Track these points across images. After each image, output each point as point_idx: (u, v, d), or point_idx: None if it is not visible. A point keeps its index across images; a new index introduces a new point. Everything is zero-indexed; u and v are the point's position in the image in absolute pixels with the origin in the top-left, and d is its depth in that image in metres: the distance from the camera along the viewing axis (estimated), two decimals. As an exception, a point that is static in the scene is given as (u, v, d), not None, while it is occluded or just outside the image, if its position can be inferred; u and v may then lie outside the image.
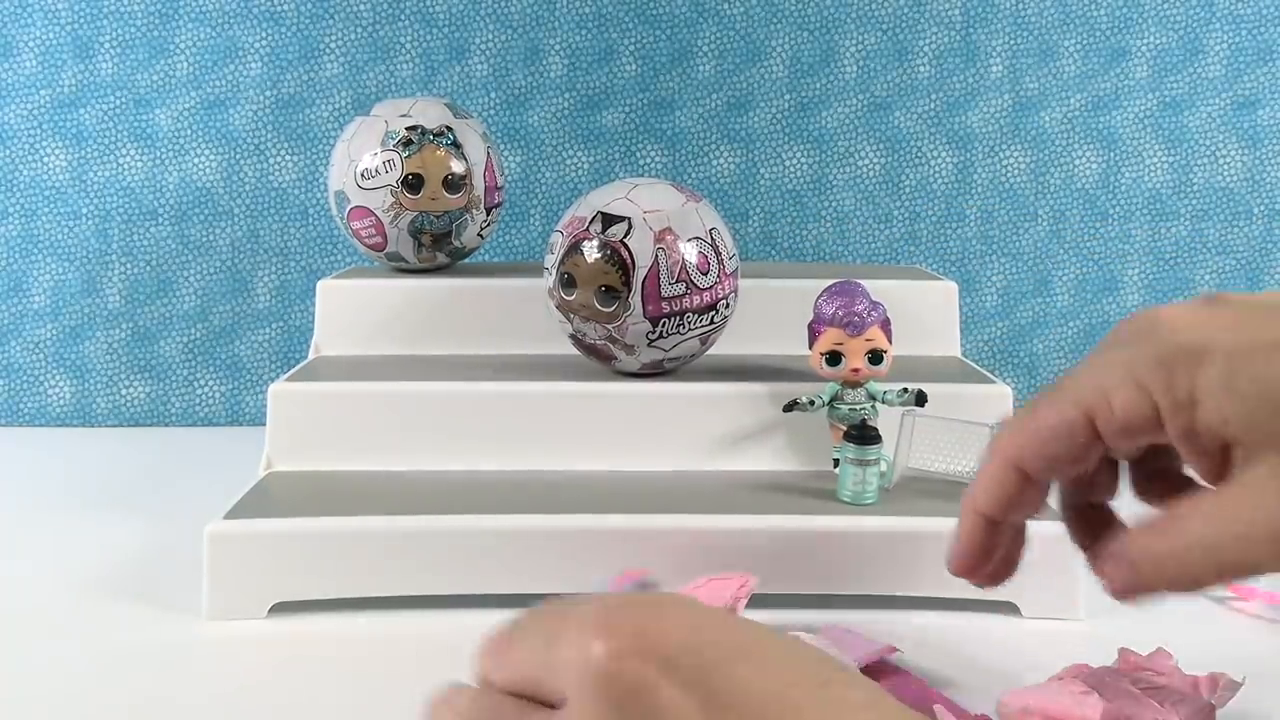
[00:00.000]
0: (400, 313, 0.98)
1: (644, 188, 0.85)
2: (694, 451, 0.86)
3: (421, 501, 0.79)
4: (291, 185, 1.19)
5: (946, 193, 1.22)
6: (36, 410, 1.20)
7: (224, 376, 1.21)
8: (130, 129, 1.18)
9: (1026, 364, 1.24)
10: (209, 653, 0.71)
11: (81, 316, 1.19)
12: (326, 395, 0.87)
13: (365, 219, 0.96)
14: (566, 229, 0.85)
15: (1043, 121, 1.21)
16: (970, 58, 1.20)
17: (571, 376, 0.89)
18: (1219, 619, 0.75)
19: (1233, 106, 1.21)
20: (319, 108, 1.19)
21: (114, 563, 0.84)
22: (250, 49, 1.18)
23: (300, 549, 0.75)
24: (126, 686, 0.66)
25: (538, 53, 1.19)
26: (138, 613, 0.75)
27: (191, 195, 1.19)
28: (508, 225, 1.21)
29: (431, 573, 0.75)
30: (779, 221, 1.22)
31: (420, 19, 1.19)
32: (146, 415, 1.21)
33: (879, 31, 1.20)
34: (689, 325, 0.84)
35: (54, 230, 1.19)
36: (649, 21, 1.20)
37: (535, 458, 0.86)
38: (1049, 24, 1.20)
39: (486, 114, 1.19)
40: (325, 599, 0.75)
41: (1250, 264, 1.23)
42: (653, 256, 0.82)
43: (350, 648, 0.71)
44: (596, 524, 0.76)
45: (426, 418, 0.86)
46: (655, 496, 0.80)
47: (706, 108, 1.21)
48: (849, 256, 1.23)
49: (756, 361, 0.94)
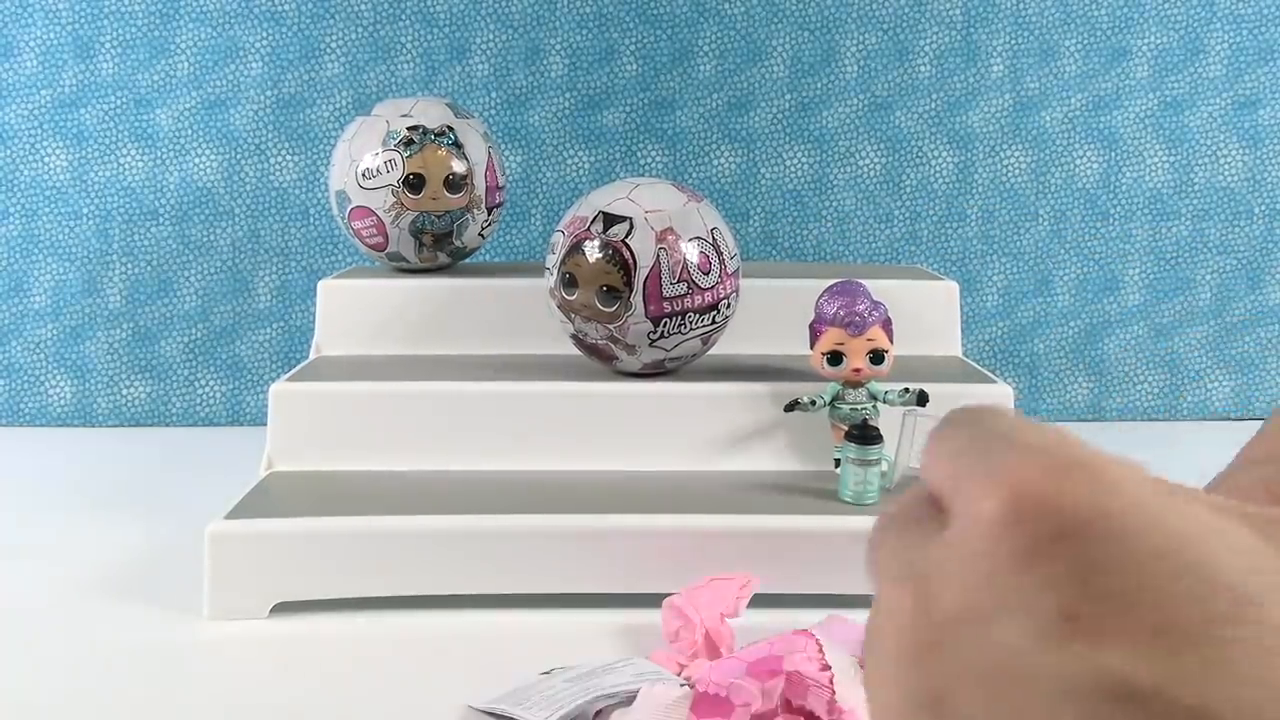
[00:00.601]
0: (401, 313, 0.98)
1: (645, 188, 0.85)
2: (695, 451, 0.86)
3: (421, 501, 0.79)
4: (292, 185, 1.19)
5: (947, 192, 1.22)
6: (37, 410, 1.20)
7: (225, 376, 1.21)
8: (131, 129, 1.18)
9: (1027, 364, 1.24)
10: (210, 653, 0.71)
11: (82, 316, 1.19)
12: (327, 395, 0.87)
13: (366, 219, 0.96)
14: (568, 229, 0.85)
15: (1043, 121, 1.21)
16: (971, 57, 1.20)
17: (573, 376, 0.89)
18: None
19: (1233, 106, 1.21)
20: (320, 108, 1.19)
21: (114, 563, 0.84)
22: (251, 49, 1.18)
23: (301, 549, 0.75)
24: (127, 686, 0.66)
25: (538, 52, 1.19)
26: (138, 613, 0.75)
27: (192, 195, 1.19)
28: (509, 225, 1.21)
29: (431, 573, 0.75)
30: (780, 221, 1.22)
31: (421, 19, 1.19)
32: (147, 415, 1.21)
33: (880, 31, 1.20)
34: (690, 325, 0.84)
35: (55, 230, 1.19)
36: (650, 21, 1.20)
37: (536, 458, 0.86)
38: (1050, 24, 1.20)
39: (487, 114, 1.19)
40: (325, 599, 0.75)
41: (1251, 264, 1.23)
42: (654, 256, 0.82)
43: (350, 648, 0.71)
44: (596, 524, 0.76)
45: (427, 418, 0.86)
46: (656, 496, 0.80)
47: (707, 108, 1.20)
48: (850, 256, 1.23)
49: (757, 361, 0.94)
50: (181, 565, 0.80)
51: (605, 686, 0.62)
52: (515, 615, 0.75)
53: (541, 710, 0.61)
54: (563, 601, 0.76)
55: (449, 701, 0.64)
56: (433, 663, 0.69)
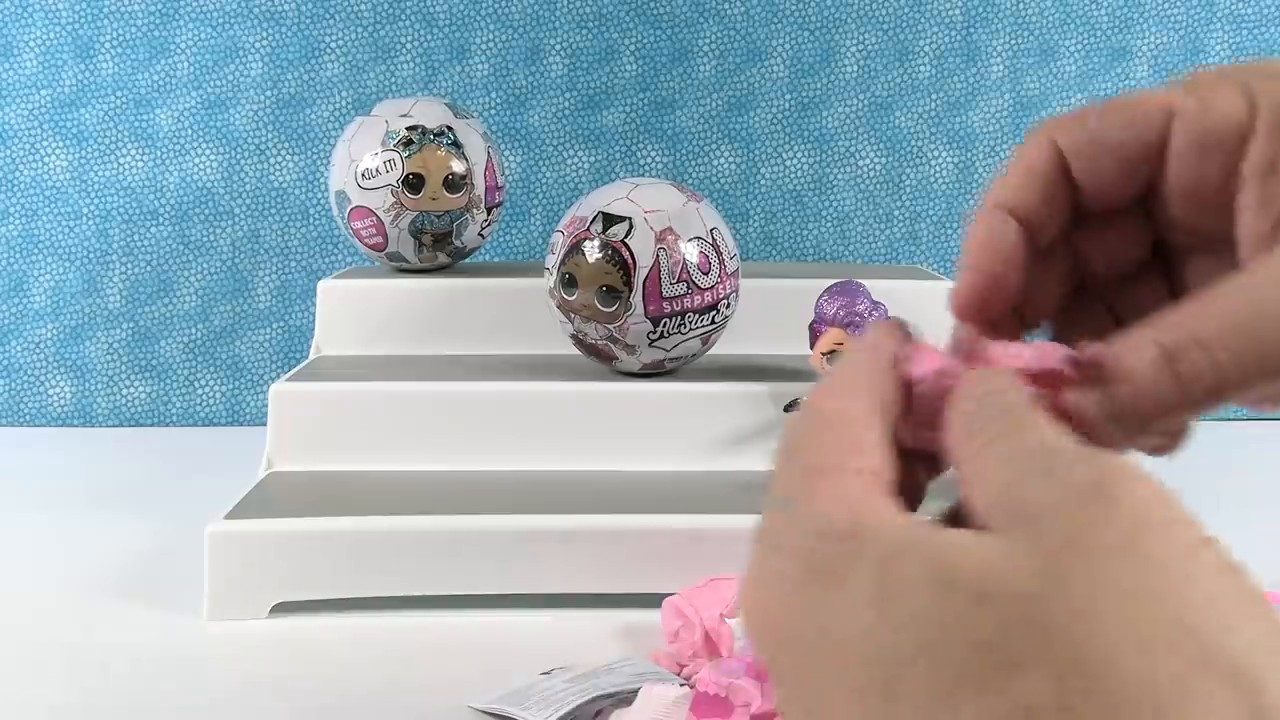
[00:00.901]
0: (401, 313, 0.98)
1: (645, 188, 0.85)
2: (694, 451, 0.86)
3: (421, 501, 0.79)
4: (292, 185, 1.19)
5: (947, 193, 1.22)
6: (37, 410, 1.20)
7: (225, 376, 1.21)
8: (131, 129, 1.18)
9: (1027, 364, 1.24)
10: (209, 653, 0.71)
11: (82, 316, 1.19)
12: (327, 395, 0.87)
13: (366, 219, 0.96)
14: (567, 229, 0.85)
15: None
16: (971, 58, 1.20)
17: (572, 376, 0.89)
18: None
19: (1234, 106, 1.21)
20: (319, 108, 1.19)
21: (114, 563, 0.84)
22: (251, 49, 1.18)
23: (301, 549, 0.75)
24: (127, 686, 0.66)
25: (538, 53, 1.19)
26: (138, 613, 0.75)
27: (192, 195, 1.19)
28: (508, 225, 1.21)
29: (431, 573, 0.75)
30: (780, 221, 1.22)
31: (421, 19, 1.19)
32: (147, 415, 1.21)
33: (880, 31, 1.20)
34: (690, 325, 0.84)
35: (55, 230, 1.19)
36: (649, 21, 1.20)
37: (535, 458, 0.86)
38: (1050, 24, 1.20)
39: (487, 114, 1.19)
40: (325, 599, 0.75)
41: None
42: (654, 256, 0.82)
43: (350, 648, 0.71)
44: (596, 524, 0.76)
45: (427, 418, 0.86)
46: (656, 496, 0.80)
47: (707, 108, 1.20)
48: (850, 256, 1.23)
49: (757, 361, 0.93)
50: (181, 565, 0.80)
51: (605, 686, 0.62)
52: (515, 615, 0.75)
53: (541, 710, 0.61)
54: (563, 601, 0.76)
55: (449, 701, 0.64)
56: (433, 663, 0.69)
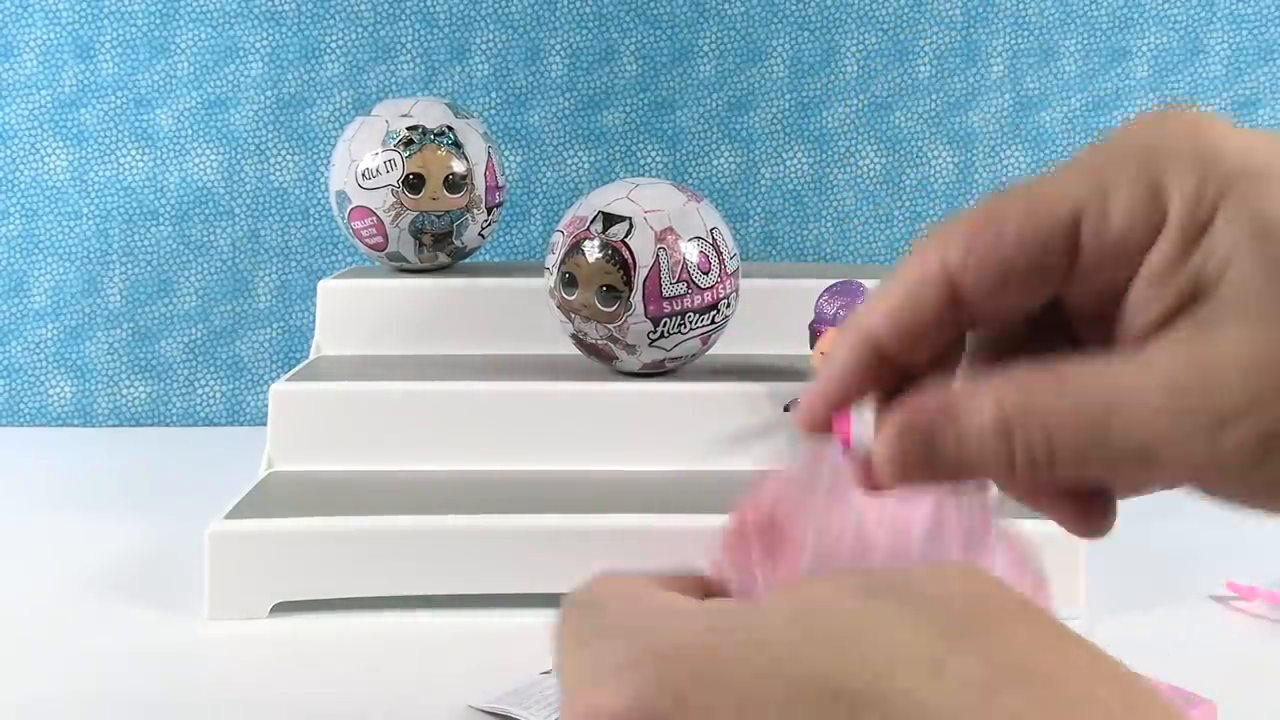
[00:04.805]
0: (401, 313, 0.98)
1: (645, 187, 0.85)
2: (694, 451, 0.86)
3: (421, 501, 0.79)
4: (292, 185, 1.19)
5: (947, 193, 1.22)
6: (37, 410, 1.20)
7: (225, 376, 1.21)
8: (131, 129, 1.18)
9: (1027, 364, 1.24)
10: (210, 653, 0.71)
11: (82, 316, 1.19)
12: (327, 395, 0.87)
13: (366, 219, 0.96)
14: (567, 229, 0.85)
15: (1044, 121, 1.21)
16: (971, 58, 1.20)
17: (572, 376, 0.89)
18: (1219, 619, 0.75)
19: (1234, 106, 1.21)
20: (320, 108, 1.19)
21: (114, 563, 0.84)
22: (251, 49, 1.18)
23: (301, 549, 0.75)
24: (127, 686, 0.66)
25: (538, 53, 1.19)
26: (138, 613, 0.75)
27: (192, 195, 1.19)
28: (508, 225, 1.21)
29: (431, 573, 0.75)
30: (780, 221, 1.22)
31: (421, 19, 1.19)
32: (147, 415, 1.21)
33: (880, 31, 1.20)
34: (690, 325, 0.84)
35: (55, 230, 1.19)
36: (649, 21, 1.20)
37: (535, 458, 0.86)
38: (1050, 24, 1.20)
39: (487, 114, 1.19)
40: (326, 599, 0.75)
41: (1251, 264, 1.23)
42: (654, 256, 0.82)
43: (350, 648, 0.71)
44: (596, 524, 0.76)
45: (427, 418, 0.86)
46: (655, 496, 0.80)
47: (707, 108, 1.21)
48: (850, 256, 1.23)
49: (757, 361, 0.93)
50: (181, 565, 0.80)
51: (605, 686, 0.62)
52: (515, 615, 0.75)
53: (541, 710, 0.61)
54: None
55: (449, 701, 0.64)
56: (433, 663, 0.69)
